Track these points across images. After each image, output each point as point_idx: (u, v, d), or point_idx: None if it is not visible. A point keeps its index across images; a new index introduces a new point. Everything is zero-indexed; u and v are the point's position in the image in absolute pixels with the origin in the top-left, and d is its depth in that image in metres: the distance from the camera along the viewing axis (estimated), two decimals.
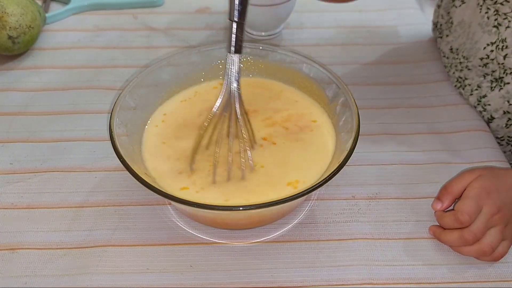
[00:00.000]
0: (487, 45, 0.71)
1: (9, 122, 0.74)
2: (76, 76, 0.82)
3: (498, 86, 0.71)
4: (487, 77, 0.73)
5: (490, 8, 0.70)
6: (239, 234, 0.61)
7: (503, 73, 0.70)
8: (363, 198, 0.65)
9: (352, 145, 0.57)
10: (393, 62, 0.86)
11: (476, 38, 0.73)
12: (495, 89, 0.72)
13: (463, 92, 0.78)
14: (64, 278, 0.56)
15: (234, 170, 0.59)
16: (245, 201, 0.57)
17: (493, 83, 0.72)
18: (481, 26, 0.71)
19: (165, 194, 0.53)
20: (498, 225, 0.58)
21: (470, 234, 0.57)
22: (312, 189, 0.53)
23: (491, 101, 0.73)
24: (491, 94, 0.73)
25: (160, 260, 0.58)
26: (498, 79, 0.71)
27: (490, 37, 0.70)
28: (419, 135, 0.73)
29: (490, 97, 0.73)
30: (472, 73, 0.75)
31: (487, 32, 0.70)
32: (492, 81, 0.72)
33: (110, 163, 0.68)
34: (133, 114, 0.64)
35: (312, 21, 0.94)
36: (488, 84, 0.73)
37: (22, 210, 0.63)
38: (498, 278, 0.57)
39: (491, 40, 0.70)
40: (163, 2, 0.99)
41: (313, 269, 0.58)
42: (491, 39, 0.70)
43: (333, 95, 0.66)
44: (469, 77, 0.75)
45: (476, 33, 0.72)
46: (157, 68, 0.67)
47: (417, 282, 0.57)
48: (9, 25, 0.79)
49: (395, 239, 0.60)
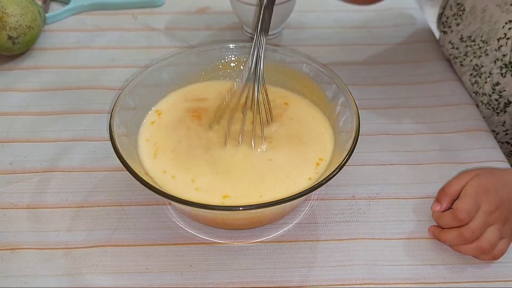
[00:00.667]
0: (505, 23, 0.71)
1: (9, 122, 0.74)
2: (76, 76, 0.82)
3: (509, 72, 0.71)
4: (497, 63, 0.73)
5: None
6: (239, 234, 0.61)
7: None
8: (363, 198, 0.65)
9: (352, 145, 0.57)
10: (393, 62, 0.86)
11: (495, 19, 0.73)
12: (507, 74, 0.72)
13: (479, 81, 0.77)
14: (64, 278, 0.56)
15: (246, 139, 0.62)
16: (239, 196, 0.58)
17: (502, 69, 0.72)
18: (500, 6, 0.71)
19: (165, 194, 0.53)
20: (496, 223, 0.58)
21: (468, 231, 0.57)
22: (312, 189, 0.53)
23: (506, 87, 0.73)
24: (504, 81, 0.73)
25: (160, 260, 0.58)
26: (508, 64, 0.71)
27: (508, 16, 0.70)
28: (419, 135, 0.73)
29: (504, 83, 0.73)
30: (488, 59, 0.74)
31: (505, 11, 0.70)
32: (501, 67, 0.72)
33: (110, 163, 0.68)
34: (133, 114, 0.64)
35: (312, 21, 0.94)
36: (498, 71, 0.73)
37: (22, 210, 0.63)
38: (498, 278, 0.57)
39: (509, 18, 0.70)
40: (163, 2, 0.99)
41: (313, 269, 0.58)
42: (509, 17, 0.70)
43: (333, 95, 0.66)
44: (485, 64, 0.75)
45: (495, 14, 0.72)
46: (157, 68, 0.67)
47: (417, 282, 0.57)
48: (9, 25, 0.79)
49: (395, 239, 0.60)
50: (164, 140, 0.64)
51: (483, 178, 0.60)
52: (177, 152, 0.62)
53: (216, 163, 0.61)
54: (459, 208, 0.58)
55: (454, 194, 0.61)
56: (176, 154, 0.62)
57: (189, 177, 0.59)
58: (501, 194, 0.59)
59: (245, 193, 0.58)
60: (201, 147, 0.63)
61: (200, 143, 0.63)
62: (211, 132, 0.65)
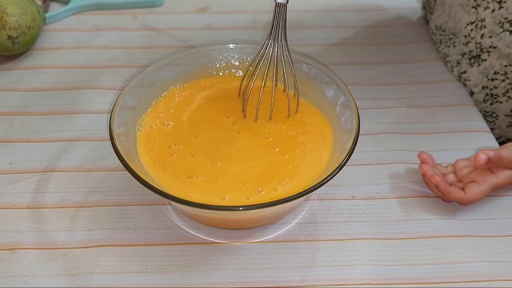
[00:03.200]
0: (467, 24, 0.74)
1: (9, 122, 0.74)
2: (76, 76, 0.82)
3: (476, 63, 0.74)
4: (465, 56, 0.76)
5: None
6: (239, 234, 0.61)
7: (479, 51, 0.74)
8: (363, 198, 0.65)
9: (352, 145, 0.57)
10: (393, 62, 0.86)
11: (458, 18, 0.76)
12: (474, 65, 0.75)
13: (447, 67, 0.82)
14: (64, 278, 0.56)
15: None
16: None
17: (471, 60, 0.75)
18: (462, 6, 0.75)
19: (165, 194, 0.52)
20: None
21: (466, 203, 0.61)
22: (312, 189, 0.53)
23: (471, 77, 0.76)
24: (470, 70, 0.76)
25: (160, 260, 0.58)
26: (475, 57, 0.74)
27: (469, 17, 0.73)
28: (419, 135, 0.73)
29: (470, 73, 0.76)
30: (454, 50, 0.78)
31: (467, 12, 0.73)
32: (470, 58, 0.76)
33: (110, 163, 0.68)
34: (133, 114, 0.64)
35: (312, 21, 0.94)
36: (467, 61, 0.76)
37: (22, 210, 0.63)
38: (499, 277, 0.57)
39: (471, 19, 0.73)
40: (163, 2, 0.99)
41: (313, 269, 0.58)
42: (470, 19, 0.73)
43: (333, 95, 0.66)
44: (450, 54, 0.79)
45: (458, 12, 0.76)
46: (157, 68, 0.67)
47: (417, 282, 0.57)
48: (9, 25, 0.79)
49: (395, 239, 0.60)
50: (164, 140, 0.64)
51: None
52: (177, 152, 0.62)
53: (216, 162, 0.61)
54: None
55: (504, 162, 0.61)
56: (176, 154, 0.62)
57: (189, 177, 0.59)
58: None
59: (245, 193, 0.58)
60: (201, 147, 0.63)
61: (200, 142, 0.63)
62: (211, 131, 0.65)
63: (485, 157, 0.59)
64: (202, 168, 0.60)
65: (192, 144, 0.63)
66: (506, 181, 0.61)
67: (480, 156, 0.60)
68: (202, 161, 0.61)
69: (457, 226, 0.62)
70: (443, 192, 0.61)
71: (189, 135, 0.64)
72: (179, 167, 0.60)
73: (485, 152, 0.60)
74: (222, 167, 0.61)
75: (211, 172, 0.60)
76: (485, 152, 0.60)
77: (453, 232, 0.61)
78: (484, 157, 0.59)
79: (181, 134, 0.65)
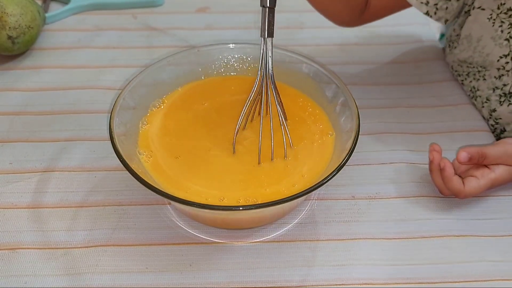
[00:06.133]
0: (500, 58, 0.71)
1: (9, 122, 0.74)
2: (76, 76, 0.82)
3: (507, 101, 0.72)
4: (496, 91, 0.73)
5: (504, 22, 0.69)
6: (239, 234, 0.61)
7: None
8: (363, 198, 0.65)
9: (352, 145, 0.57)
10: (393, 62, 0.86)
11: (487, 51, 0.73)
12: (504, 104, 0.72)
13: (476, 103, 0.78)
14: (64, 278, 0.56)
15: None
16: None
17: (501, 98, 0.72)
18: (494, 39, 0.71)
19: (165, 194, 0.52)
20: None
21: (463, 195, 0.60)
22: (312, 189, 0.53)
23: (502, 115, 0.74)
24: (500, 109, 0.73)
25: (160, 260, 0.58)
26: (507, 94, 0.72)
27: (502, 50, 0.70)
28: (419, 135, 0.73)
29: (499, 112, 0.74)
30: (485, 84, 0.75)
31: (498, 45, 0.71)
32: (500, 95, 0.73)
33: (110, 163, 0.68)
34: (133, 114, 0.64)
35: (312, 21, 0.94)
36: (497, 98, 0.73)
37: (22, 210, 0.63)
38: (499, 277, 0.57)
39: (504, 52, 0.70)
40: (163, 2, 0.99)
41: (313, 269, 0.58)
42: (503, 52, 0.70)
43: (333, 95, 0.66)
44: (481, 88, 0.76)
45: (487, 46, 0.72)
46: (157, 68, 0.67)
47: (417, 282, 0.57)
48: (9, 25, 0.79)
49: (395, 239, 0.60)
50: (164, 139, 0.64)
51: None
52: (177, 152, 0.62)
53: (216, 162, 0.61)
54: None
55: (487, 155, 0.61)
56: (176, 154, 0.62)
57: (189, 177, 0.59)
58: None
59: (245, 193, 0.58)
60: (202, 147, 0.63)
61: (200, 142, 0.63)
62: (212, 132, 0.65)
63: (466, 155, 0.59)
64: (202, 168, 0.61)
65: (192, 145, 0.63)
66: (504, 176, 0.61)
67: (461, 154, 0.59)
68: (202, 161, 0.61)
69: (457, 226, 0.62)
70: (447, 177, 0.60)
71: (189, 136, 0.65)
72: (179, 167, 0.60)
73: (466, 150, 0.59)
74: (222, 167, 0.61)
75: (210, 172, 0.60)
76: (466, 150, 0.60)
77: (453, 232, 0.61)
78: (465, 155, 0.59)
79: (181, 135, 0.65)
